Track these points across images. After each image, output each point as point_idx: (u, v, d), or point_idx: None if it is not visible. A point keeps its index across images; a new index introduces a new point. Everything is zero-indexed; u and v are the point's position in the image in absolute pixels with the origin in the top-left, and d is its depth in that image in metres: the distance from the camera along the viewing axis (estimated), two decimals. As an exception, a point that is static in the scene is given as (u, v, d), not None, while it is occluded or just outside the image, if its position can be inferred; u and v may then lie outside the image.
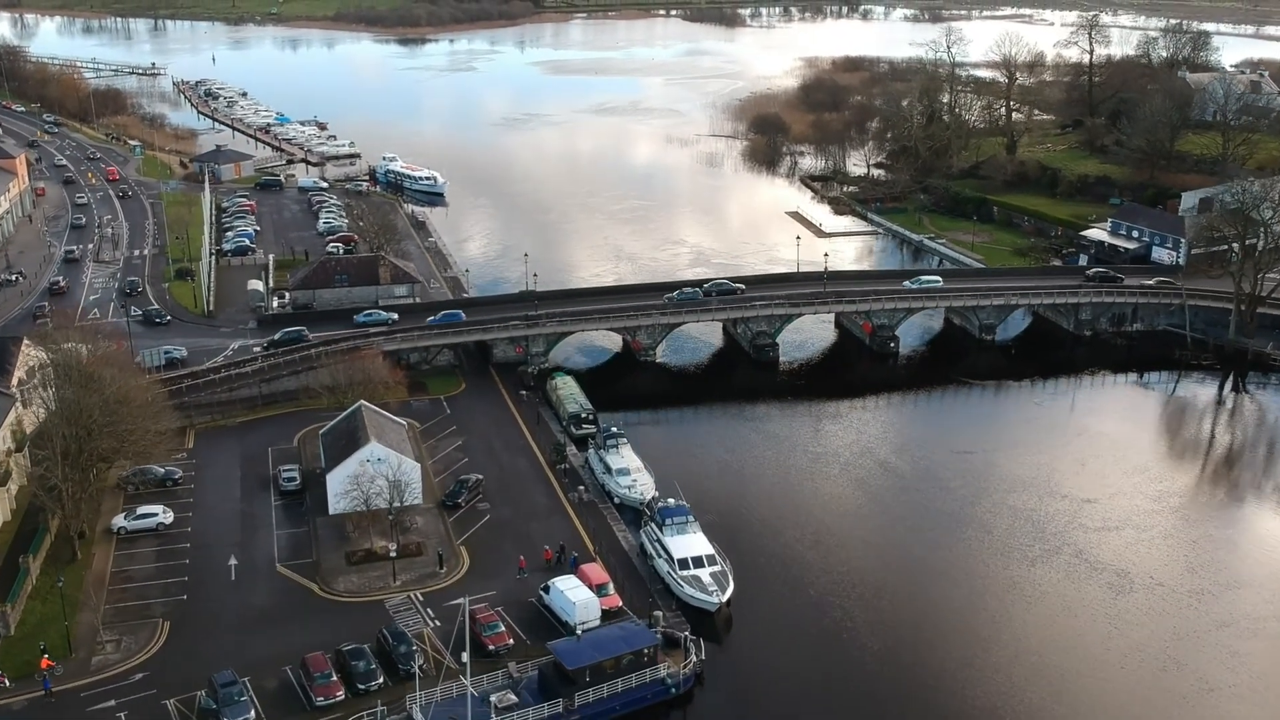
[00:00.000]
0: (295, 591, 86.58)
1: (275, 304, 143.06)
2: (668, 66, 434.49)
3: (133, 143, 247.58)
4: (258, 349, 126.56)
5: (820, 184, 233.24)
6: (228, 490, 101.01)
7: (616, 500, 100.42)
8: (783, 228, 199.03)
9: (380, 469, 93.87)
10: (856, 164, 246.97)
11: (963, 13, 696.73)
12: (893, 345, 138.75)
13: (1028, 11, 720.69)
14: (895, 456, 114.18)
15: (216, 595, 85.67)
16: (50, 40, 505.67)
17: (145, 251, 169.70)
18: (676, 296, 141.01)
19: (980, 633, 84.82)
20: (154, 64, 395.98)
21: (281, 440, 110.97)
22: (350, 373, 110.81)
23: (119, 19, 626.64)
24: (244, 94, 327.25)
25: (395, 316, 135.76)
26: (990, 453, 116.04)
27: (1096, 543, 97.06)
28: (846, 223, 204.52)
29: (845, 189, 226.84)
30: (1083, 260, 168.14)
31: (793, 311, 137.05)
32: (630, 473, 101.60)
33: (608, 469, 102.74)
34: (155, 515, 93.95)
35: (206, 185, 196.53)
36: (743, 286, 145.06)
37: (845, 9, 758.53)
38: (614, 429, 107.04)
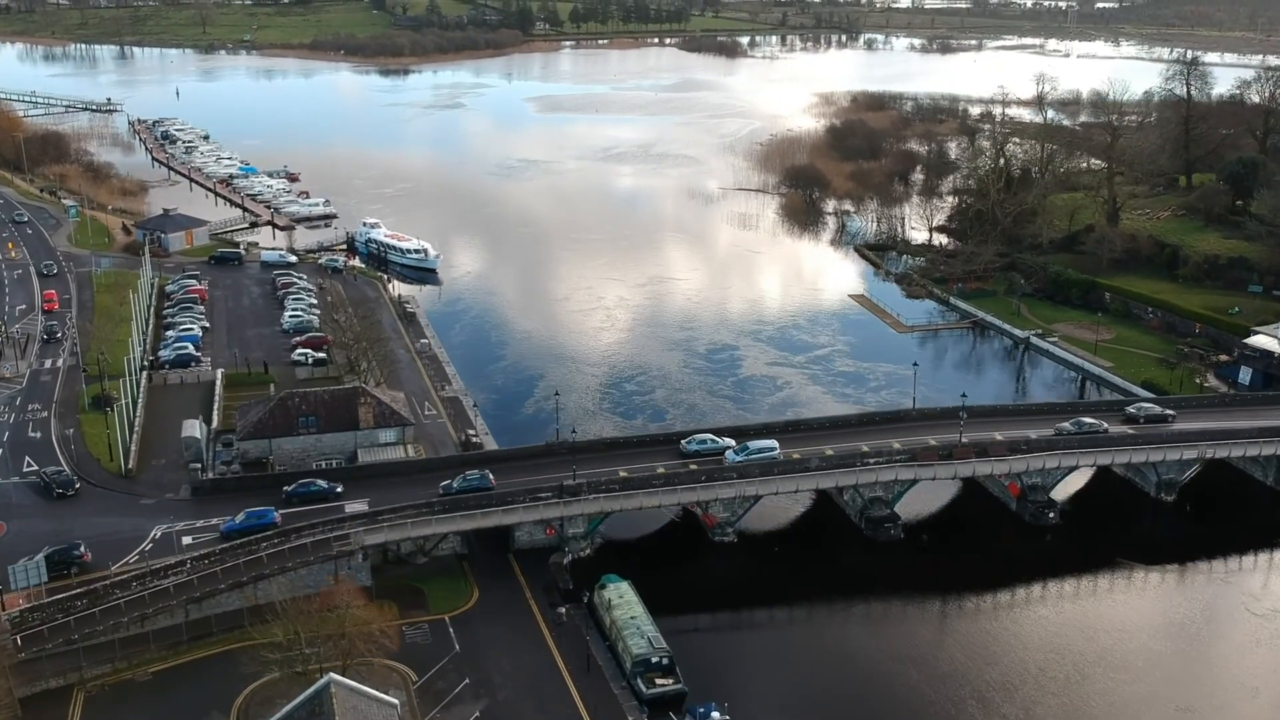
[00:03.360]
0: None
1: (218, 458, 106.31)
2: (672, 103, 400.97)
3: (67, 203, 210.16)
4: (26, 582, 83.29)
5: (878, 254, 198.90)
6: (121, 831, 64.88)
7: (727, 844, 64.82)
8: (854, 320, 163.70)
9: (360, 824, 58.09)
10: (914, 226, 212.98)
11: (972, 42, 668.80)
12: (1050, 515, 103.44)
13: (1034, 41, 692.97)
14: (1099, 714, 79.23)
15: None
16: (4, 70, 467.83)
17: (60, 362, 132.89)
18: (456, 485, 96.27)
19: None
20: (109, 99, 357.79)
21: (214, 710, 74.83)
22: (314, 624, 73.57)
23: (83, 45, 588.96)
24: (206, 136, 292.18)
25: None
26: (1219, 712, 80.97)
27: None
28: (927, 311, 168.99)
29: (910, 261, 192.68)
30: (1245, 375, 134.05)
31: (922, 473, 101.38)
32: (746, 795, 66.16)
33: (709, 783, 67.15)
34: None
35: (146, 264, 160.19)
36: (1172, 413, 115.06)
37: (846, 38, 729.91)
38: (715, 712, 70.87)
